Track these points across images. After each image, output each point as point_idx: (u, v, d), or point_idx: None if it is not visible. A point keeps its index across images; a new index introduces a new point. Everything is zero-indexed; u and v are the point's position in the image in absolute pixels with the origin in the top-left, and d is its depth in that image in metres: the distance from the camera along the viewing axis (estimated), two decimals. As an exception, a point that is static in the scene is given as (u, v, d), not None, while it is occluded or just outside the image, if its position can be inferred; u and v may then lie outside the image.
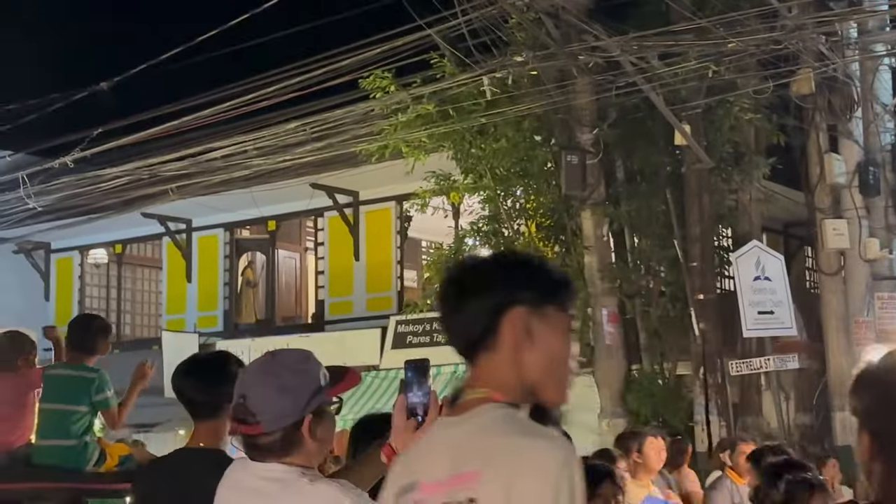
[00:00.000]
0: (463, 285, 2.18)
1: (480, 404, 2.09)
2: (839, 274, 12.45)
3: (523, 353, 2.11)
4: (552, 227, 14.41)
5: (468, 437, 2.05)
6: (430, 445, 2.15)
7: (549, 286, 2.17)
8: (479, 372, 2.14)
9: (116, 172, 16.73)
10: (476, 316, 2.13)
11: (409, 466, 2.18)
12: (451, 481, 2.02)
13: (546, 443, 1.99)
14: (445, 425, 2.16)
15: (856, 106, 12.14)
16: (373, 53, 13.20)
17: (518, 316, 2.11)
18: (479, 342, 2.13)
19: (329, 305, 20.51)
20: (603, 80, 12.53)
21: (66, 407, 6.16)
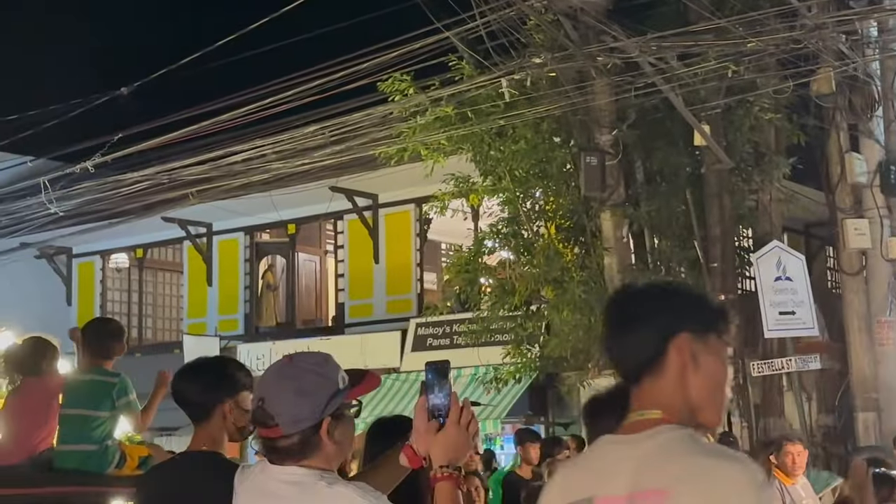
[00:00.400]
0: (631, 311, 2.32)
1: (654, 425, 2.21)
2: (861, 274, 12.39)
3: (688, 377, 2.23)
4: (572, 229, 14.38)
5: (651, 455, 2.16)
6: (602, 462, 2.26)
7: (711, 316, 2.31)
8: (644, 394, 2.27)
9: (137, 177, 16.80)
10: (645, 340, 2.26)
11: (578, 481, 2.28)
12: (632, 498, 2.14)
13: (739, 465, 2.12)
14: (618, 443, 2.26)
15: (876, 105, 12.08)
16: (391, 56, 13.22)
17: (685, 342, 2.24)
18: (646, 365, 2.26)
19: (349, 308, 20.54)
20: (622, 81, 12.51)
21: (87, 412, 6.19)
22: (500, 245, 14.80)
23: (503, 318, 14.68)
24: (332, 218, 20.75)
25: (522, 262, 14.30)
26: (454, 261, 15.58)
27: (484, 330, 14.97)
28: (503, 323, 14.79)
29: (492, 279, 14.97)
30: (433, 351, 18.07)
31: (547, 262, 13.87)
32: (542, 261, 13.91)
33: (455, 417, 2.74)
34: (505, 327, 14.87)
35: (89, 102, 16.92)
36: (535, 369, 14.66)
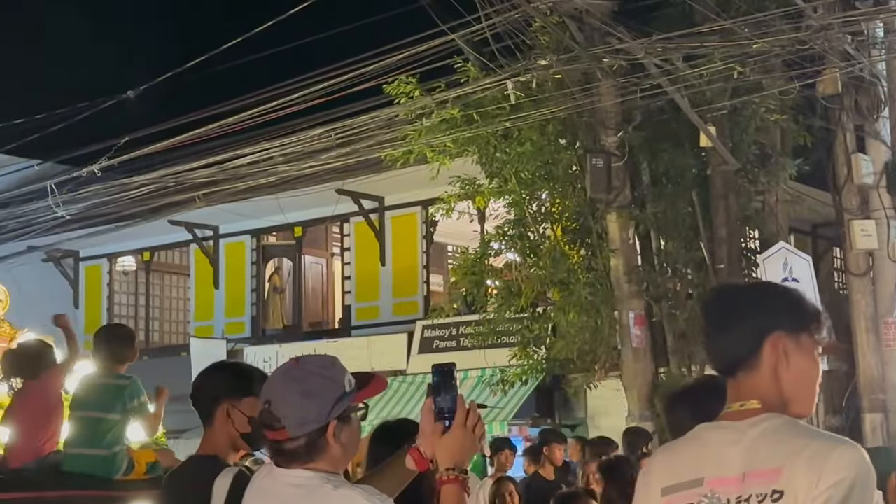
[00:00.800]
0: (730, 309, 2.52)
1: (755, 414, 2.40)
2: (868, 275, 12.37)
3: (781, 373, 2.43)
4: (578, 231, 14.38)
5: (759, 439, 2.34)
6: (708, 447, 2.42)
7: (804, 316, 2.49)
8: (741, 386, 2.45)
9: (144, 180, 16.82)
10: (742, 337, 2.45)
11: (683, 465, 2.44)
12: (747, 477, 2.32)
13: (847, 444, 2.32)
14: (722, 429, 2.42)
15: (883, 105, 12.05)
16: (397, 59, 13.22)
17: (778, 340, 2.43)
18: (743, 360, 2.45)
19: (356, 311, 20.55)
20: (627, 83, 12.51)
21: (98, 414, 6.21)
22: (507, 247, 14.81)
23: (509, 320, 14.69)
24: (339, 220, 20.76)
25: (529, 264, 14.30)
26: (460, 263, 15.59)
27: (490, 332, 14.97)
28: (509, 325, 14.79)
29: (498, 281, 14.97)
30: (440, 353, 18.07)
31: (553, 264, 13.87)
32: (548, 263, 13.91)
33: (461, 420, 2.75)
34: (511, 329, 14.87)
35: (96, 106, 16.94)
36: (542, 371, 14.66)
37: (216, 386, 3.77)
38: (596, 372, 14.25)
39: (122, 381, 6.23)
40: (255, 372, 3.87)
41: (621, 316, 13.51)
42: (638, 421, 13.29)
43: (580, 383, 14.75)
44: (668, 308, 13.73)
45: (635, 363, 13.47)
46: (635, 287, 13.51)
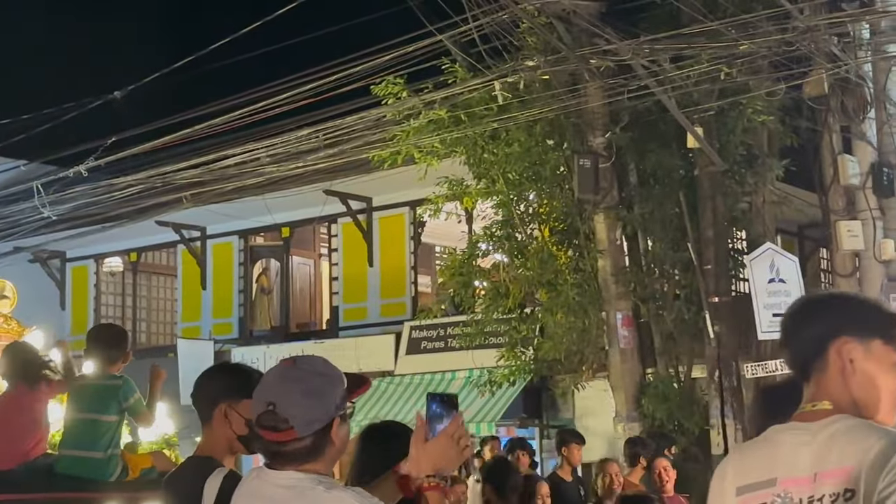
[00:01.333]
0: (802, 316, 2.62)
1: (827, 415, 2.45)
2: (854, 275, 12.40)
3: (847, 378, 2.48)
4: (565, 231, 14.41)
5: (831, 439, 2.39)
6: (780, 448, 2.48)
7: (876, 323, 2.53)
8: (814, 389, 2.53)
9: (130, 181, 16.77)
10: (809, 342, 2.55)
11: (756, 466, 2.50)
12: (818, 477, 2.36)
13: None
14: (794, 430, 2.48)
15: (869, 107, 12.09)
16: (384, 59, 13.22)
17: (842, 345, 2.49)
18: (811, 364, 2.53)
19: (343, 311, 20.54)
20: (615, 84, 12.53)
21: (94, 416, 6.20)
22: (494, 248, 14.82)
23: (497, 321, 14.70)
24: (326, 221, 20.75)
25: (516, 265, 14.32)
26: (448, 264, 15.60)
27: (478, 333, 14.98)
28: (497, 326, 14.80)
29: (486, 282, 14.99)
30: (427, 354, 18.08)
31: (541, 265, 13.89)
32: (535, 263, 13.93)
33: (450, 430, 2.76)
34: (499, 330, 14.88)
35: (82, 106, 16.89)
36: (530, 372, 14.67)
37: (215, 387, 3.78)
38: (583, 372, 14.28)
39: (116, 381, 6.23)
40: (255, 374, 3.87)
41: (609, 317, 13.54)
42: (626, 422, 13.33)
43: (568, 384, 14.78)
44: (655, 309, 13.76)
45: (623, 364, 13.49)
46: (623, 288, 13.54)
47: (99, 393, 6.23)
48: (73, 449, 6.25)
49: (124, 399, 6.19)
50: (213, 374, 3.92)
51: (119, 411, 6.20)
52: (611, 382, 13.67)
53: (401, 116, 14.31)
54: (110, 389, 6.20)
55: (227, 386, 3.72)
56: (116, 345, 6.34)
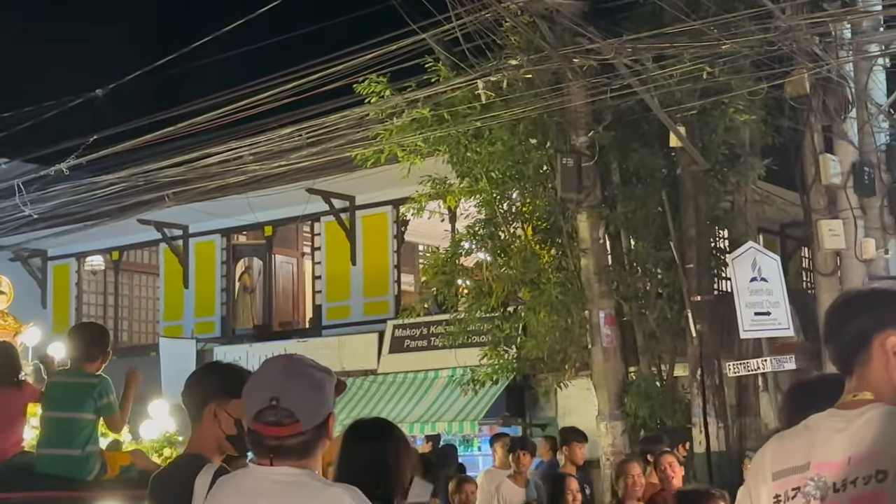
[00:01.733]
0: (845, 312, 2.68)
1: (866, 404, 2.52)
2: (835, 274, 12.47)
3: (892, 370, 2.56)
4: (548, 230, 14.41)
5: (866, 425, 2.45)
6: (817, 434, 2.54)
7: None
8: (857, 381, 2.59)
9: (112, 179, 16.72)
10: (853, 336, 2.62)
11: (793, 450, 2.58)
12: (852, 461, 2.43)
13: None
14: (832, 416, 2.56)
15: (850, 106, 12.15)
16: (367, 58, 13.21)
17: (886, 338, 2.57)
18: (855, 357, 2.60)
19: (326, 310, 20.52)
20: (598, 83, 12.54)
21: (70, 414, 6.16)
22: (477, 246, 14.81)
23: (480, 320, 14.70)
24: (309, 220, 20.73)
25: (499, 264, 14.32)
26: (431, 262, 15.59)
27: (461, 331, 14.97)
28: (480, 324, 14.80)
29: (469, 281, 14.98)
30: (411, 353, 18.08)
31: (523, 264, 13.90)
32: (518, 262, 13.94)
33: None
34: (482, 329, 14.89)
35: (64, 104, 16.83)
36: (512, 371, 14.68)
37: (205, 387, 3.79)
38: (566, 371, 14.29)
39: (92, 379, 6.19)
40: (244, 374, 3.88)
41: (591, 315, 13.56)
42: (608, 420, 13.35)
43: (550, 383, 14.79)
44: (637, 307, 13.79)
45: (605, 362, 13.51)
46: (605, 286, 13.55)
47: (75, 391, 6.19)
48: (50, 447, 6.21)
49: (99, 398, 6.15)
50: (202, 374, 3.94)
51: (95, 409, 6.16)
52: (593, 381, 13.69)
53: (384, 115, 14.29)
54: (87, 387, 6.16)
55: (217, 386, 3.73)
56: (96, 343, 6.30)
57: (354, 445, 3.74)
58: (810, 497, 2.49)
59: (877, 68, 12.30)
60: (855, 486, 2.40)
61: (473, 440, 17.96)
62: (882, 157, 12.32)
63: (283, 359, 2.92)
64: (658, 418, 13.15)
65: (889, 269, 12.36)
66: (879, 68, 12.34)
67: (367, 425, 3.90)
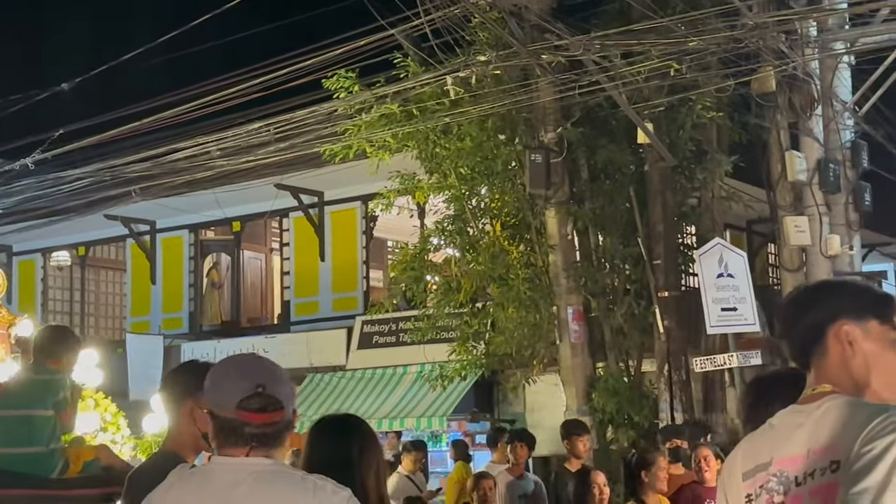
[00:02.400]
0: (798, 305, 2.68)
1: (825, 396, 2.52)
2: (801, 270, 12.56)
3: (847, 360, 2.55)
4: (517, 226, 14.44)
5: (822, 417, 2.46)
6: (780, 430, 2.57)
7: (870, 303, 2.61)
8: (816, 374, 2.60)
9: (78, 174, 16.60)
10: (807, 329, 2.62)
11: (759, 448, 2.60)
12: (810, 454, 2.44)
13: (891, 411, 2.37)
14: (794, 412, 2.57)
15: (816, 104, 12.23)
16: (336, 53, 13.18)
17: (841, 328, 2.56)
18: (811, 350, 2.60)
19: (295, 306, 20.46)
20: (566, 80, 12.57)
21: (29, 412, 6.08)
22: (446, 243, 14.82)
23: (449, 316, 14.71)
24: (278, 216, 20.66)
25: (468, 260, 14.34)
26: (400, 258, 15.58)
27: (430, 327, 14.98)
28: (449, 320, 14.81)
29: (437, 277, 14.99)
30: (379, 349, 18.06)
31: (492, 260, 13.91)
32: (487, 258, 13.95)
33: None
34: (450, 325, 14.90)
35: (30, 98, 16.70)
36: (481, 366, 14.70)
37: (182, 385, 3.78)
38: (534, 367, 14.33)
39: (50, 375, 6.11)
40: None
41: (559, 311, 13.60)
42: (576, 415, 13.39)
43: (519, 378, 14.82)
44: (605, 303, 13.85)
45: (573, 358, 13.56)
46: (573, 282, 13.60)
47: (33, 388, 6.09)
48: (11, 446, 6.11)
49: (55, 393, 6.08)
50: (179, 372, 3.93)
51: (53, 405, 6.09)
52: (561, 377, 13.73)
53: (352, 111, 14.26)
54: (45, 384, 6.07)
55: (194, 384, 3.70)
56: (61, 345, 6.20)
57: (320, 441, 3.73)
58: (773, 493, 2.50)
59: (842, 66, 12.39)
60: (813, 479, 2.42)
61: (442, 436, 17.96)
62: (847, 154, 12.41)
63: (251, 353, 2.97)
64: (625, 414, 13.21)
65: (854, 265, 12.47)
66: (845, 66, 12.44)
67: (333, 421, 3.90)
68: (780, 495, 2.49)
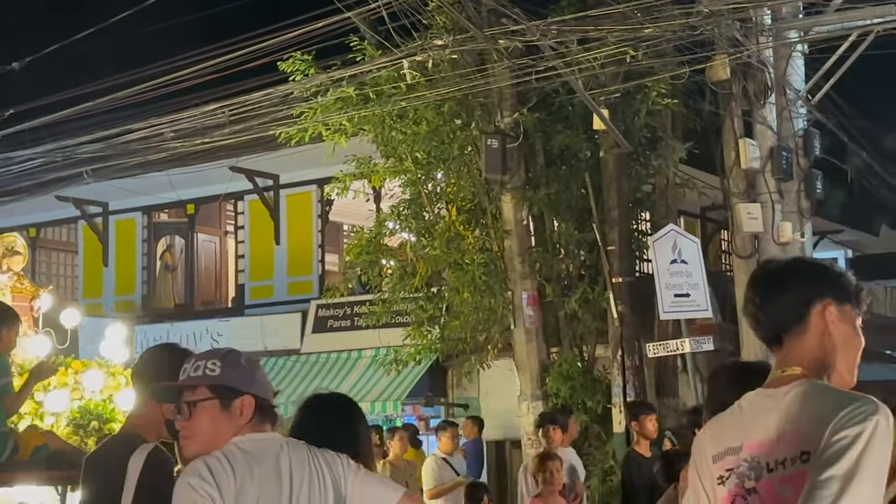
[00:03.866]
0: (778, 281, 2.66)
1: (794, 380, 2.52)
2: (753, 257, 12.67)
3: (825, 340, 2.57)
4: (472, 211, 14.45)
5: (793, 402, 2.47)
6: (749, 414, 2.56)
7: (848, 288, 2.64)
8: (787, 353, 2.60)
9: (29, 154, 16.39)
10: (789, 306, 2.61)
11: (728, 432, 2.58)
12: (780, 439, 2.44)
13: (866, 400, 2.39)
14: (764, 396, 2.56)
15: (770, 92, 12.33)
16: (292, 35, 13.08)
17: (826, 306, 2.58)
18: (790, 328, 2.60)
19: (249, 290, 20.37)
20: (522, 65, 12.58)
21: None
22: (402, 227, 14.80)
23: (404, 300, 14.70)
24: (233, 198, 20.53)
25: (423, 244, 14.33)
26: (355, 242, 15.54)
27: (385, 312, 14.96)
28: (404, 305, 14.81)
29: (393, 261, 14.98)
30: (334, 332, 18.03)
31: (447, 244, 13.92)
32: (442, 243, 13.95)
33: None
34: (406, 309, 14.89)
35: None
36: (436, 351, 14.72)
37: (151, 369, 3.74)
38: (489, 352, 14.37)
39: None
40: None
41: (514, 296, 13.64)
42: (529, 400, 13.46)
43: (473, 363, 14.85)
44: (560, 289, 13.90)
45: (527, 343, 13.61)
46: (528, 268, 13.64)
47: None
48: None
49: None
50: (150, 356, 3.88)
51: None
52: (515, 361, 13.79)
53: (308, 93, 14.18)
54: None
55: (166, 370, 3.60)
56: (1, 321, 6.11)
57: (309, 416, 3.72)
58: (744, 478, 2.51)
59: (795, 54, 12.49)
60: (784, 468, 2.43)
61: (396, 420, 17.96)
62: (799, 142, 12.53)
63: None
64: (579, 399, 13.29)
65: (805, 251, 12.59)
66: (798, 55, 12.54)
67: (321, 398, 3.88)
68: (751, 481, 2.50)
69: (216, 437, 3.03)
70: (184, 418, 3.08)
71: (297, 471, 3.03)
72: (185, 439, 3.09)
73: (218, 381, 3.07)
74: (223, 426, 3.05)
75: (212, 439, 3.03)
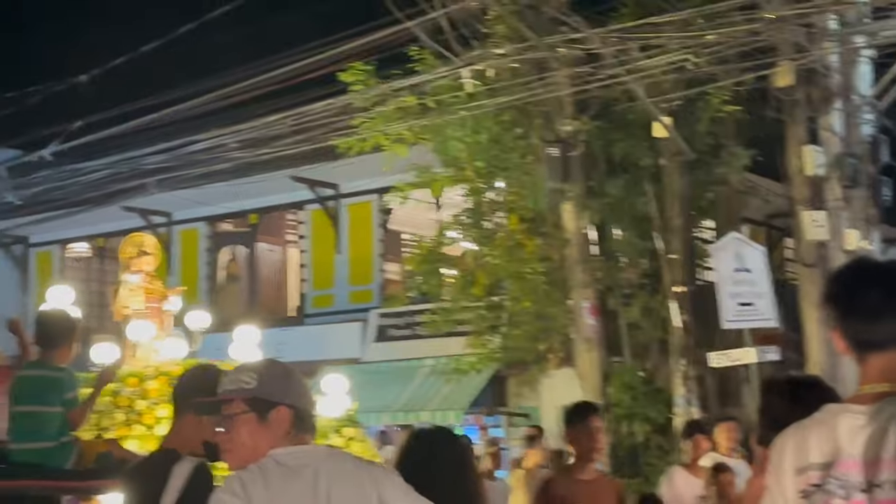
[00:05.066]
0: (889, 289, 2.48)
1: (883, 398, 2.40)
2: (818, 265, 12.48)
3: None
4: (533, 220, 14.42)
5: (889, 423, 2.35)
6: (834, 430, 2.43)
7: None
8: (873, 369, 2.46)
9: (96, 166, 16.64)
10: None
11: (813, 447, 2.45)
12: (878, 462, 2.34)
13: None
14: (851, 413, 2.43)
15: (835, 98, 12.15)
16: (352, 46, 13.16)
17: None
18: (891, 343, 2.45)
19: (311, 299, 20.47)
20: (582, 73, 12.52)
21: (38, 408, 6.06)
22: (462, 236, 14.81)
23: (465, 309, 14.69)
24: (294, 208, 20.67)
25: (484, 253, 14.32)
26: (416, 251, 15.57)
27: (445, 321, 14.96)
28: (465, 314, 14.79)
29: (453, 270, 14.98)
30: (395, 342, 18.05)
31: (508, 253, 13.89)
32: (503, 252, 13.93)
33: None
34: (466, 318, 14.88)
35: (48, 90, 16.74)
36: (496, 360, 14.68)
37: (191, 390, 3.76)
38: (550, 361, 14.30)
39: (58, 373, 6.07)
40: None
41: (575, 305, 13.57)
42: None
43: (534, 372, 14.79)
44: (621, 298, 13.80)
45: (588, 352, 13.53)
46: (589, 277, 13.57)
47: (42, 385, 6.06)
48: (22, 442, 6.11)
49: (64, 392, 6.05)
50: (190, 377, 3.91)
51: (62, 402, 6.06)
52: (576, 371, 13.71)
53: (368, 104, 14.25)
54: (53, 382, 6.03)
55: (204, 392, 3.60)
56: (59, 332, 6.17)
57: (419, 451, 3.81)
58: (834, 496, 2.41)
59: (862, 59, 12.30)
60: (882, 490, 2.33)
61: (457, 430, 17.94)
62: (866, 149, 12.32)
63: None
64: (640, 409, 13.17)
65: (872, 260, 12.37)
66: (865, 59, 12.34)
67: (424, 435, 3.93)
68: (841, 500, 2.40)
69: (255, 450, 3.03)
70: (224, 432, 3.10)
71: (336, 485, 2.97)
72: (226, 453, 3.10)
73: (253, 393, 3.08)
74: (261, 438, 3.04)
75: (251, 452, 3.03)
